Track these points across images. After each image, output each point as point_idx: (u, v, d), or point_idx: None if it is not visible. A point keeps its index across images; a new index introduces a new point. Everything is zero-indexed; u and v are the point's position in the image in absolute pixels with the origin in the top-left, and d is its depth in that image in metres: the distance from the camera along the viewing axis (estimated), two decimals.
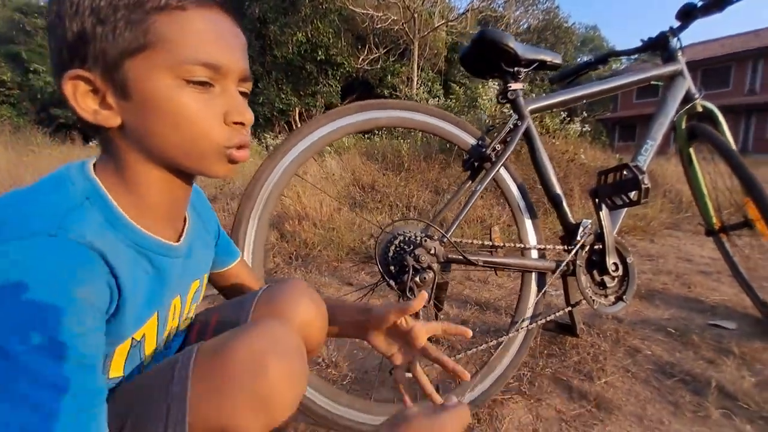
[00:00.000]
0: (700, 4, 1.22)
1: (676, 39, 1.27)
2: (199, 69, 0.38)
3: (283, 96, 14.45)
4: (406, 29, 13.04)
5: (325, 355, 1.14)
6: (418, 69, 13.57)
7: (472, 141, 1.01)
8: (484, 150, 0.97)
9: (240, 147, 0.43)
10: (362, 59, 14.34)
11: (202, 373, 0.41)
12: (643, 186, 0.87)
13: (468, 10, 14.15)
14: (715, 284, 1.74)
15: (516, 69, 1.02)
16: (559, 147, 3.94)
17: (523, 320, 0.98)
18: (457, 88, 7.34)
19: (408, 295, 0.78)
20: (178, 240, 0.48)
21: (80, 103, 0.37)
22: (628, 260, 1.02)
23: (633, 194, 0.90)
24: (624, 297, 1.00)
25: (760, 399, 0.92)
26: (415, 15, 12.64)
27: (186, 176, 0.44)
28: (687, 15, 1.25)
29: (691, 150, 1.35)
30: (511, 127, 0.99)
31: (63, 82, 0.36)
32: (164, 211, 0.45)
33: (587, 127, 5.38)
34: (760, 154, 15.40)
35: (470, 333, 0.58)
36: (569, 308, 1.03)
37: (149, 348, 0.47)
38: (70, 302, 0.32)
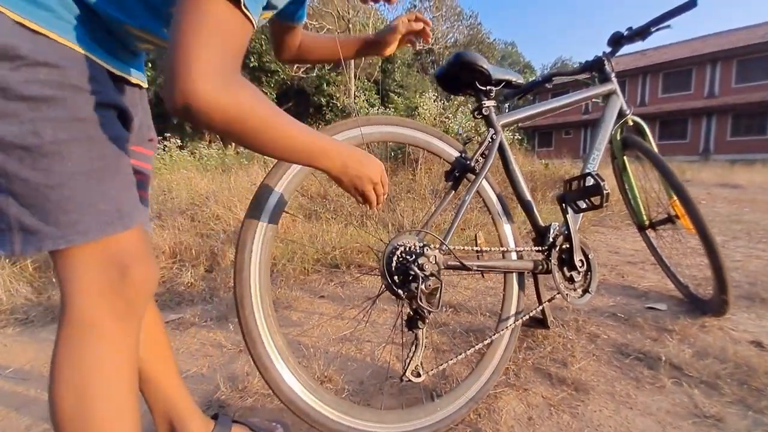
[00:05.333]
0: (626, 33, 1.43)
1: (609, 63, 1.47)
2: None
3: None
4: None
5: (317, 370, 1.13)
6: (354, 78, 13.72)
7: (455, 153, 1.08)
8: (467, 162, 1.04)
9: None
10: (297, 67, 14.15)
11: None
12: (604, 192, 1.01)
13: None
14: (642, 272, 2.01)
15: (488, 87, 1.12)
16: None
17: (509, 318, 1.07)
18: (396, 97, 7.53)
19: (418, 302, 0.82)
20: None
21: None
22: (590, 256, 1.16)
23: (596, 199, 1.03)
24: (589, 289, 1.13)
25: (699, 366, 1.10)
26: (350, 25, 12.81)
27: None
28: (616, 42, 1.46)
29: (625, 158, 1.57)
30: (489, 140, 1.08)
31: None
32: None
33: (518, 135, 5.87)
34: (721, 155, 16.34)
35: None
36: (545, 303, 1.14)
37: None
38: None
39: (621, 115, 1.47)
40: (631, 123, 1.49)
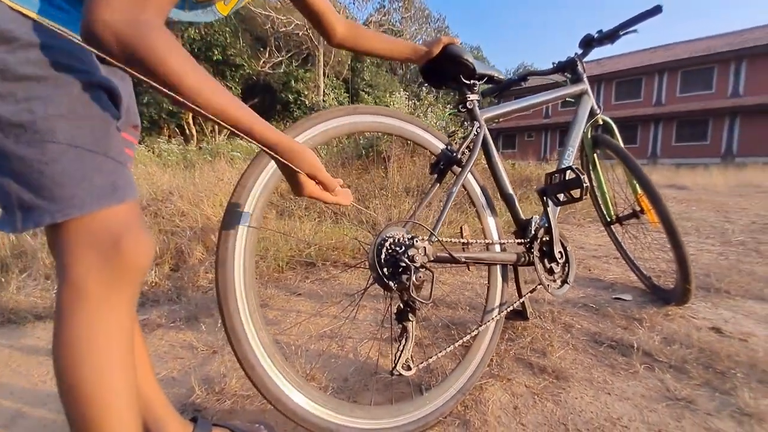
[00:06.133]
0: (596, 36, 1.50)
1: (580, 64, 1.53)
2: None
3: None
4: (311, 35, 12.94)
5: (299, 368, 1.09)
6: (323, 76, 13.54)
7: (441, 146, 1.07)
8: (453, 154, 1.04)
9: None
10: (263, 62, 13.78)
11: None
12: (584, 185, 1.04)
13: (368, 22, 14.65)
14: (607, 266, 2.11)
15: (472, 81, 1.13)
16: None
17: (493, 309, 1.08)
18: (366, 96, 7.50)
19: (410, 294, 0.80)
20: None
21: None
22: (567, 248, 1.19)
23: (576, 192, 1.06)
24: (568, 280, 1.17)
25: (668, 352, 1.16)
26: None
27: None
28: (587, 44, 1.52)
29: (595, 156, 1.64)
30: (474, 134, 1.08)
31: None
32: None
33: None
34: (667, 159, 17.91)
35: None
36: (527, 295, 1.16)
37: None
38: None
39: (592, 114, 1.53)
40: (601, 122, 1.55)
